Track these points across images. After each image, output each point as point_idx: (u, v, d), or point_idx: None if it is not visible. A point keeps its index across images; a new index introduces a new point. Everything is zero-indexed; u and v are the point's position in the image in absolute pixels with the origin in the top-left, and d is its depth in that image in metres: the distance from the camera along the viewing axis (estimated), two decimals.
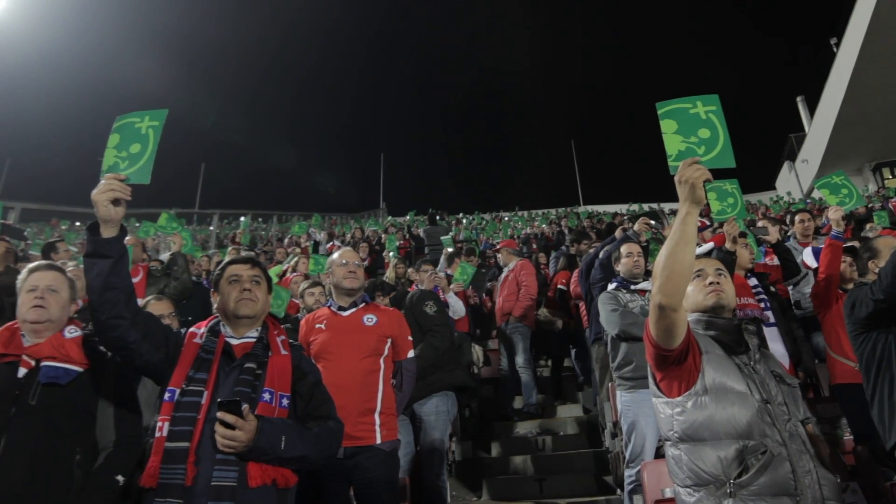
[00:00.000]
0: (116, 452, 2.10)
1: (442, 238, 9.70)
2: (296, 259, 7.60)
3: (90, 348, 2.21)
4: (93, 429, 2.12)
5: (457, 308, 5.83)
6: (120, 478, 2.04)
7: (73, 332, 2.19)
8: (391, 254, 8.05)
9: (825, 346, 3.85)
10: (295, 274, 6.96)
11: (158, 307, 3.26)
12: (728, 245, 3.77)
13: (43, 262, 2.33)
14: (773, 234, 4.71)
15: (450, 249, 8.57)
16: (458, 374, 4.06)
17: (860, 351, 2.75)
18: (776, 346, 3.85)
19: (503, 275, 6.58)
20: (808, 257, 4.89)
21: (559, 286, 6.95)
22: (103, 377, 2.16)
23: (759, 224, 5.18)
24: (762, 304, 3.94)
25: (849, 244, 3.82)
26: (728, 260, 3.59)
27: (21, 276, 2.24)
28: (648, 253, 4.84)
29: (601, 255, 4.79)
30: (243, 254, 5.81)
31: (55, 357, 2.07)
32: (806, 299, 4.73)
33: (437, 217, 17.02)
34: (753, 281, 4.14)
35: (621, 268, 3.95)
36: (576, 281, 6.16)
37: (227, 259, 2.38)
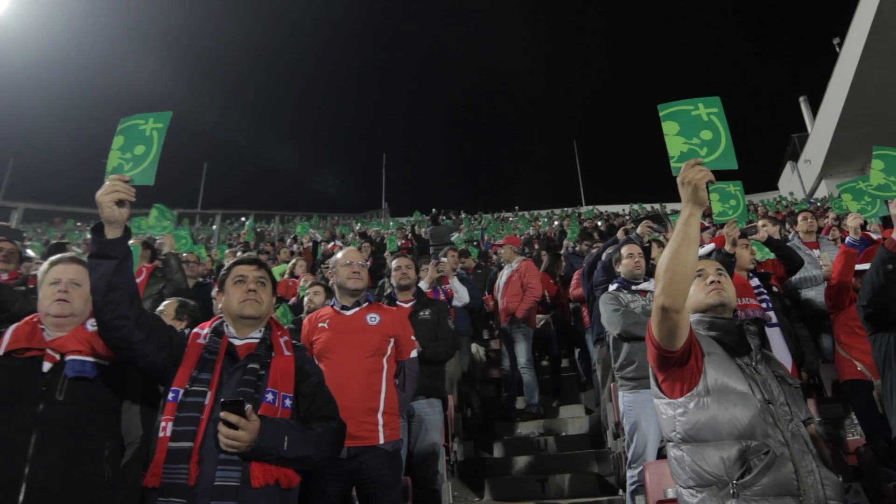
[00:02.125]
0: (144, 448, 2.06)
1: (454, 238, 9.75)
2: (294, 261, 7.62)
3: None
4: (118, 423, 2.10)
5: (461, 294, 5.86)
6: None
7: (95, 325, 2.14)
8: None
9: (832, 346, 3.89)
10: (294, 280, 6.98)
11: (171, 306, 3.38)
12: (727, 247, 3.77)
13: (66, 254, 2.30)
14: (762, 232, 4.69)
15: (461, 247, 8.61)
16: (442, 386, 4.16)
17: (874, 352, 2.89)
18: (778, 347, 3.85)
19: (506, 273, 6.56)
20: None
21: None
22: (128, 372, 2.13)
23: (758, 223, 5.18)
24: (764, 305, 3.94)
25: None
26: (727, 262, 3.59)
27: (42, 269, 2.22)
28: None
29: (603, 256, 4.79)
30: (241, 254, 5.82)
31: (81, 351, 2.05)
32: (812, 302, 4.73)
33: (441, 217, 17.06)
34: (756, 281, 4.14)
35: (622, 269, 3.97)
36: (577, 283, 6.17)
37: (232, 260, 2.38)
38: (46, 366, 2.00)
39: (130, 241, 1.98)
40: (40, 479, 1.83)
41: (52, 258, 2.27)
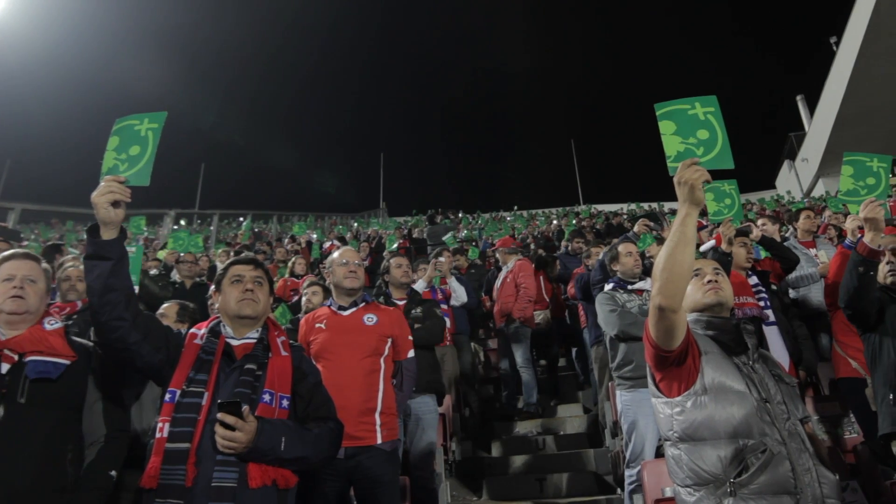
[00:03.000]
0: (108, 447, 2.04)
1: (444, 238, 9.77)
2: (293, 260, 7.61)
3: (72, 340, 2.15)
4: (80, 424, 2.06)
5: (459, 294, 5.86)
6: (113, 473, 1.98)
7: (53, 323, 2.12)
8: None
9: (829, 344, 3.91)
10: (294, 280, 6.98)
11: (170, 310, 3.36)
12: (724, 246, 3.77)
13: (20, 250, 2.24)
14: (756, 232, 4.70)
15: (454, 247, 8.63)
16: (442, 380, 4.18)
17: (865, 351, 2.95)
18: (776, 345, 3.85)
19: (501, 275, 6.56)
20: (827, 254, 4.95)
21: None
22: (89, 370, 2.10)
23: (759, 222, 5.20)
24: (762, 303, 3.94)
25: None
26: (723, 261, 3.59)
27: None
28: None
29: (601, 255, 4.79)
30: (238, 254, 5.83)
31: (41, 351, 2.00)
32: (810, 300, 4.74)
33: (439, 217, 17.06)
34: (754, 280, 4.13)
35: (621, 267, 3.93)
36: (574, 283, 6.16)
37: (230, 260, 2.37)
38: (4, 367, 1.94)
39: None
40: (1, 484, 1.81)
41: (5, 254, 2.19)
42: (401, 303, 4.11)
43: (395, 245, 10.64)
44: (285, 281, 7.01)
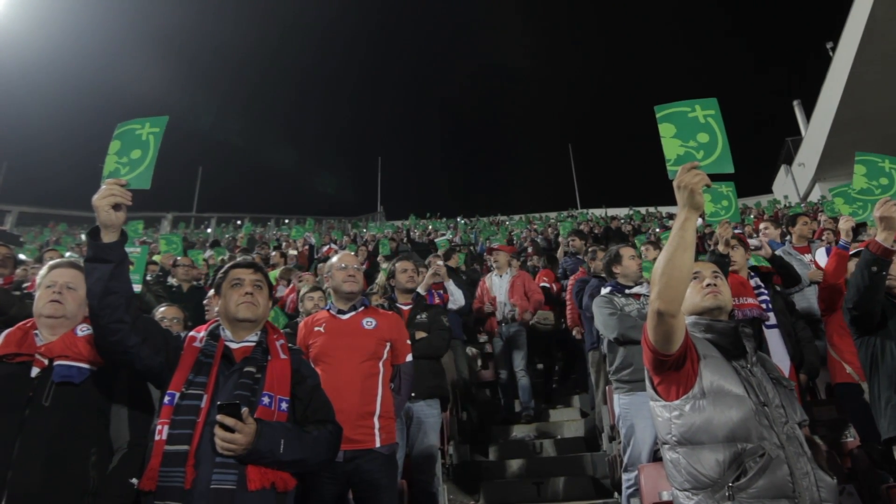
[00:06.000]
0: (130, 454, 2.05)
1: (437, 241, 9.79)
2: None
3: None
4: (107, 429, 2.09)
5: (457, 297, 5.86)
6: (135, 480, 1.98)
7: (84, 329, 2.15)
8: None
9: (825, 347, 3.90)
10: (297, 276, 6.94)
11: (169, 312, 3.35)
12: (721, 248, 3.76)
13: (64, 259, 2.35)
14: (767, 249, 4.71)
15: (444, 248, 8.64)
16: (446, 385, 4.17)
17: (860, 356, 2.91)
18: (777, 348, 3.84)
19: (506, 279, 6.54)
20: (820, 258, 4.96)
21: (541, 284, 6.93)
22: (117, 376, 2.12)
23: (762, 226, 5.24)
24: (764, 305, 3.93)
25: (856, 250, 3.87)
26: (721, 262, 3.59)
27: (41, 273, 2.24)
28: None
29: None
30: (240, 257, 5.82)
31: (68, 356, 2.04)
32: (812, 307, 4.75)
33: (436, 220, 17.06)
34: (756, 281, 4.13)
35: (624, 270, 3.91)
36: (570, 290, 6.17)
37: (230, 263, 2.38)
38: (34, 371, 2.00)
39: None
40: (23, 485, 1.83)
41: (51, 262, 2.29)
42: (406, 308, 4.09)
43: (389, 250, 10.63)
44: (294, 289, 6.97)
